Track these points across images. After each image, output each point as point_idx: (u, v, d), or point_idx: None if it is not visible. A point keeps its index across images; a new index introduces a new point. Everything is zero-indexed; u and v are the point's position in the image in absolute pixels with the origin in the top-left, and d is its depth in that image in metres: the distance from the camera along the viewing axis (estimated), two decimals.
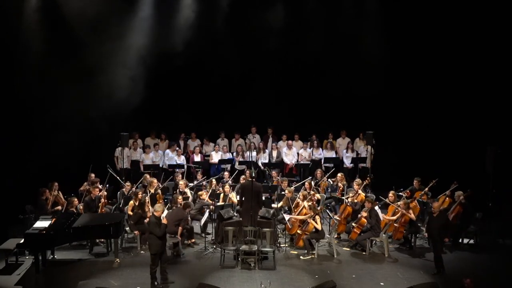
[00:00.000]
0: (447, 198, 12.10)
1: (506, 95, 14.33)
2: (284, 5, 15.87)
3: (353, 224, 11.40)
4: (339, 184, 13.36)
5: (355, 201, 12.09)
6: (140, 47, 15.19)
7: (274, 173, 14.14)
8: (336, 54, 15.56)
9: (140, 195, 11.84)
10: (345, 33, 15.58)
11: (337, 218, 11.84)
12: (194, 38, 15.58)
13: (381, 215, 11.57)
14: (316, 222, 10.99)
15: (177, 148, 15.32)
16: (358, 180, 12.84)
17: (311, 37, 15.81)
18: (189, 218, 11.66)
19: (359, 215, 11.41)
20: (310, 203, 11.37)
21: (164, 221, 9.61)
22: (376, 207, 11.79)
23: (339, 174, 13.63)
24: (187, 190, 12.77)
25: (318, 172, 14.03)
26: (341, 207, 12.22)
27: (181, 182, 12.88)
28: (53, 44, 14.38)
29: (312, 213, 11.09)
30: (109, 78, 14.53)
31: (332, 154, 15.42)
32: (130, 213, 11.66)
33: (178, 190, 12.80)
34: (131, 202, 11.86)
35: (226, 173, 13.91)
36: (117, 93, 14.48)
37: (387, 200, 11.94)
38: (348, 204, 11.95)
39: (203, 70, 16.05)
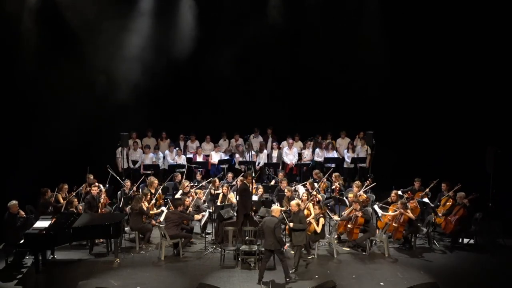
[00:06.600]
0: (450, 199, 12.10)
1: (505, 95, 14.32)
2: (285, 4, 15.85)
3: (349, 226, 11.31)
4: (335, 184, 13.33)
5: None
6: (141, 47, 15.20)
7: (280, 175, 13.87)
8: (336, 54, 15.57)
9: (148, 195, 12.04)
10: (345, 33, 15.58)
11: (337, 218, 11.79)
12: (194, 37, 15.59)
13: (381, 214, 11.56)
14: (318, 224, 10.93)
15: (177, 148, 15.32)
16: (357, 182, 12.80)
17: (311, 37, 15.82)
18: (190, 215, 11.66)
19: (354, 215, 11.34)
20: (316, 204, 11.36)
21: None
22: (376, 207, 11.79)
23: (334, 174, 13.60)
24: (192, 190, 12.68)
25: (315, 172, 13.91)
26: (348, 211, 11.64)
27: (186, 184, 12.82)
28: (53, 44, 14.38)
29: (320, 212, 11.06)
30: (109, 77, 14.53)
31: (332, 155, 15.39)
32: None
33: (182, 191, 12.69)
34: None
35: (229, 174, 13.82)
36: (117, 92, 14.50)
37: (388, 200, 11.93)
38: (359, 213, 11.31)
39: (203, 70, 16.03)
